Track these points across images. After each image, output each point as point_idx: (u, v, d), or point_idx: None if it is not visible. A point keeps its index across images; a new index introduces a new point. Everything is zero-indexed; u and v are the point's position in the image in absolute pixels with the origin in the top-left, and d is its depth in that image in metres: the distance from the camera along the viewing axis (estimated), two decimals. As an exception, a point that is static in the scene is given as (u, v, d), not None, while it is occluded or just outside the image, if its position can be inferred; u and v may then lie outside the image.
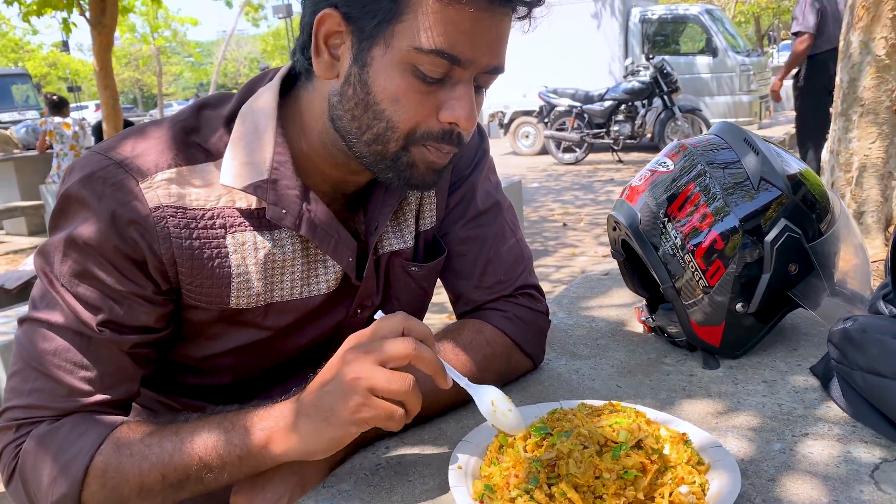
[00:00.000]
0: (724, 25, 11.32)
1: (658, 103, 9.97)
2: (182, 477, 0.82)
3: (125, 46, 32.17)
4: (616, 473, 0.75)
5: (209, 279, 0.90)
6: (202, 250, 0.88)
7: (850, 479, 0.80)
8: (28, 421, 0.85)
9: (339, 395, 0.76)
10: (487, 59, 0.82)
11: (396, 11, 0.79)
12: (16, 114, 13.88)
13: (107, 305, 0.85)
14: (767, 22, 30.38)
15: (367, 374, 0.76)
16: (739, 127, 1.15)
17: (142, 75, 35.61)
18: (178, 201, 0.87)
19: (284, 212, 0.89)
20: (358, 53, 0.83)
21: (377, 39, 0.81)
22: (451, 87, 0.83)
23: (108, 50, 6.91)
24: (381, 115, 0.83)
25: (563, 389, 1.07)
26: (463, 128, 0.84)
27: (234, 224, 0.90)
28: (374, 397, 0.76)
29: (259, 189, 0.89)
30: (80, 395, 0.85)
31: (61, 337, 0.85)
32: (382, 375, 0.76)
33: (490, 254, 1.10)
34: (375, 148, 0.86)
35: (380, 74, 0.82)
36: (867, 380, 0.88)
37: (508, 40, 0.86)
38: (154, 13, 26.35)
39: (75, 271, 0.85)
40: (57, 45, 33.03)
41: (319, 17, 0.83)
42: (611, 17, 11.60)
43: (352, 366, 0.76)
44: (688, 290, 1.09)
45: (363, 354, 0.77)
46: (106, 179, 0.84)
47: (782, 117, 14.91)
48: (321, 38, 0.84)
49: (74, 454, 0.82)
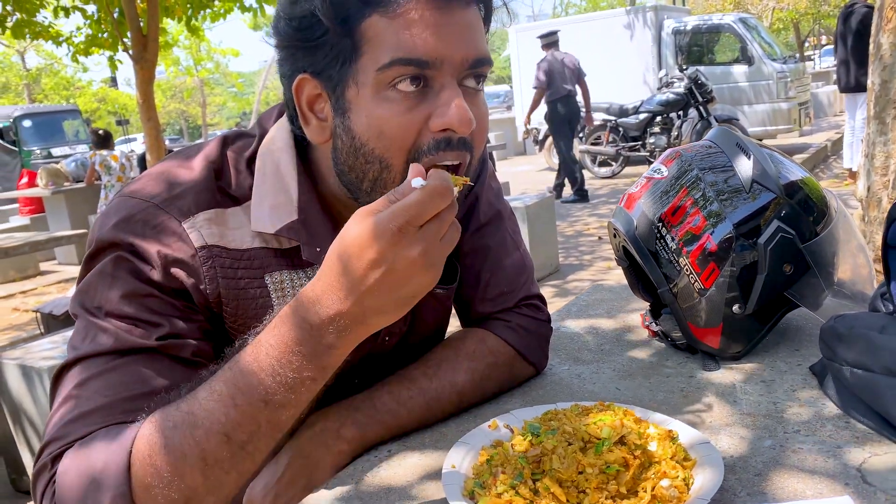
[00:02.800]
0: (759, 33, 11.19)
1: (693, 114, 9.88)
2: (250, 428, 0.71)
3: (170, 79, 33.15)
4: (598, 468, 0.78)
5: (253, 318, 0.90)
6: (247, 290, 0.90)
7: (837, 472, 0.81)
8: (67, 447, 0.77)
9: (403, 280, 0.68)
10: (460, 52, 0.80)
11: (353, 47, 0.80)
12: (67, 148, 14.42)
13: (165, 319, 0.83)
14: (807, 27, 29.87)
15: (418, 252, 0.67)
16: (733, 132, 1.17)
17: (186, 107, 36.64)
18: (220, 241, 0.87)
19: (319, 250, 0.90)
20: (336, 104, 0.84)
21: (347, 82, 0.82)
22: (435, 95, 0.81)
23: (150, 83, 7.15)
24: (371, 156, 0.83)
25: (564, 393, 1.09)
26: (459, 131, 0.81)
27: (269, 265, 0.91)
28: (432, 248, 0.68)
29: (292, 230, 0.90)
30: (120, 413, 0.77)
31: (111, 361, 0.80)
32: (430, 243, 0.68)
33: (493, 266, 1.13)
34: (376, 196, 0.79)
35: (360, 115, 0.82)
36: (855, 375, 0.89)
37: (482, 28, 0.84)
38: (197, 47, 27.16)
39: (127, 290, 0.82)
40: (106, 81, 34.19)
41: (296, 87, 0.85)
42: (643, 30, 11.57)
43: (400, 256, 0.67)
44: (685, 294, 1.11)
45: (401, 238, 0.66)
46: (147, 221, 0.84)
47: (825, 123, 14.63)
48: (304, 106, 0.86)
49: (112, 451, 0.73)
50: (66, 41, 8.65)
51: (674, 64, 11.05)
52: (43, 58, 32.16)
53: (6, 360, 2.79)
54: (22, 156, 14.33)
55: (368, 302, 0.68)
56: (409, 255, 0.66)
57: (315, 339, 0.69)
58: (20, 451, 2.88)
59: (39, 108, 16.92)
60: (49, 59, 31.56)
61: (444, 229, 0.69)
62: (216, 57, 30.78)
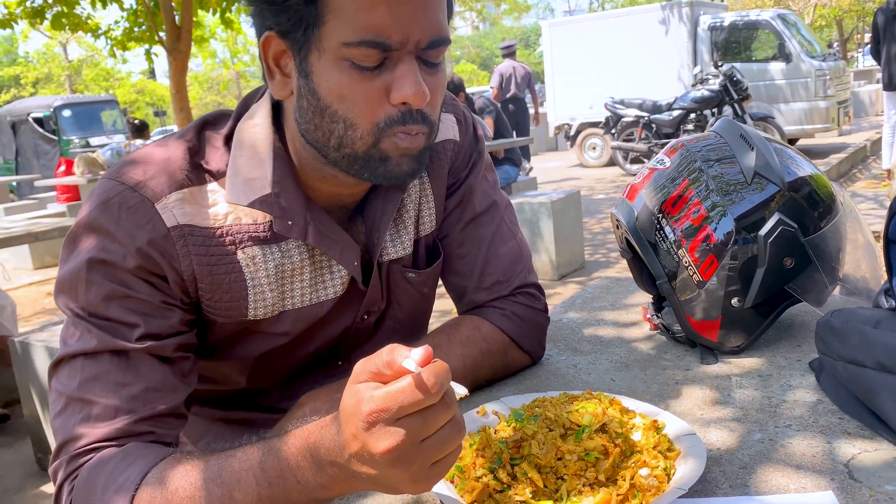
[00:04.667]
0: (798, 30, 10.96)
1: (728, 111, 9.73)
2: None
3: (207, 71, 33.62)
4: (577, 455, 0.78)
5: (227, 293, 0.94)
6: (218, 266, 0.92)
7: (823, 467, 0.80)
8: (80, 452, 0.82)
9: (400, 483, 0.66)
10: (418, 35, 0.82)
11: (317, 15, 0.82)
12: (104, 138, 14.68)
13: (142, 319, 0.86)
14: (851, 25, 29.19)
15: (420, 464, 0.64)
16: (737, 124, 1.15)
17: (223, 99, 37.10)
18: (192, 220, 0.90)
19: (291, 223, 0.93)
20: (300, 65, 0.86)
21: (310, 47, 0.84)
22: (391, 69, 0.83)
23: (183, 74, 7.26)
24: (335, 116, 0.86)
25: (558, 383, 1.09)
26: (414, 104, 0.84)
27: (242, 240, 0.93)
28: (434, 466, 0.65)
29: (265, 203, 0.92)
30: (126, 413, 0.83)
31: (99, 362, 0.85)
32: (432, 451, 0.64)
33: (489, 255, 1.13)
34: (344, 151, 0.88)
35: (322, 78, 0.84)
36: (848, 370, 0.88)
37: (444, 9, 0.86)
38: (234, 39, 27.47)
39: (104, 294, 0.86)
40: (144, 73, 34.84)
41: (263, 42, 0.87)
42: (679, 25, 11.41)
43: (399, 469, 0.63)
44: (684, 286, 1.10)
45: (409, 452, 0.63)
46: (122, 204, 0.87)
47: (865, 123, 14.31)
48: (270, 61, 0.88)
49: (117, 488, 0.77)
50: (105, 34, 8.83)
51: (709, 60, 10.88)
52: (84, 49, 32.85)
53: (34, 341, 2.86)
54: (61, 144, 14.63)
55: (354, 468, 0.66)
56: (378, 446, 0.61)
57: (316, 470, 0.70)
58: (46, 432, 2.96)
59: (78, 99, 17.23)
60: (90, 50, 32.21)
61: (428, 431, 0.62)
62: (252, 49, 31.10)
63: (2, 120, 15.39)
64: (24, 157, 15.17)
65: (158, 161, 0.92)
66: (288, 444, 0.71)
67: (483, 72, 42.16)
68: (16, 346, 2.92)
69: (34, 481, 3.02)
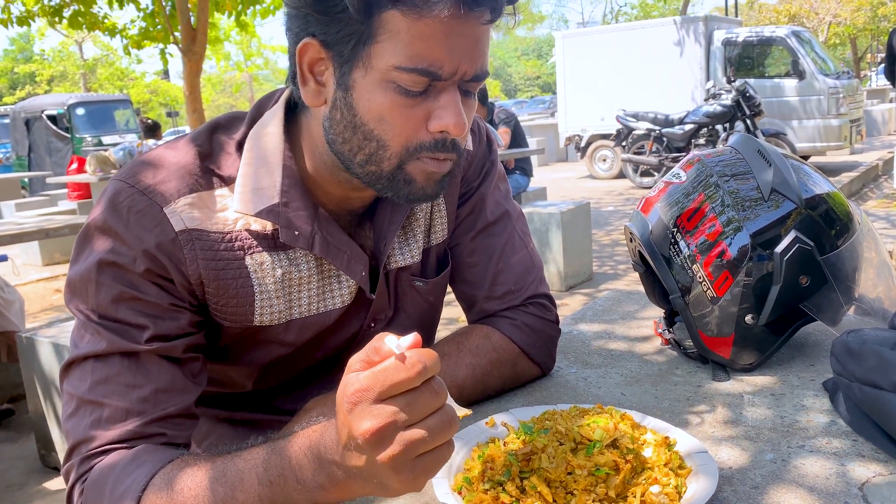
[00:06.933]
0: (812, 47, 10.95)
1: (740, 127, 9.71)
2: None
3: (220, 73, 33.81)
4: (588, 470, 0.77)
5: (234, 298, 0.93)
6: (226, 271, 0.92)
7: (838, 491, 0.79)
8: (92, 453, 0.83)
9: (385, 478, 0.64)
10: (466, 67, 0.83)
11: (370, 34, 0.81)
12: (117, 137, 14.74)
13: (151, 321, 0.87)
14: (865, 43, 29.13)
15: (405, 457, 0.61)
16: (754, 139, 1.14)
17: (235, 101, 37.27)
18: (201, 224, 0.90)
19: (297, 234, 0.93)
20: (340, 78, 0.85)
21: (356, 63, 0.83)
22: (435, 96, 0.84)
23: (196, 76, 7.30)
24: (370, 135, 0.85)
25: (568, 396, 1.08)
26: (453, 134, 0.85)
27: (251, 246, 0.93)
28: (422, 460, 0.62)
29: (271, 213, 0.91)
30: (136, 415, 0.84)
31: (109, 364, 0.85)
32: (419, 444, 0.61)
33: (500, 264, 1.12)
34: (370, 168, 0.88)
35: (363, 96, 0.84)
36: (864, 392, 0.86)
37: (489, 43, 0.87)
38: (247, 42, 27.62)
39: (113, 296, 0.86)
40: (158, 74, 35.04)
41: (301, 47, 0.86)
42: (693, 40, 11.41)
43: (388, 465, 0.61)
44: (697, 302, 1.08)
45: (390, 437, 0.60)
46: (131, 207, 0.88)
47: (878, 142, 14.26)
48: (305, 67, 0.87)
49: (124, 490, 0.77)
50: (121, 33, 8.89)
51: (722, 75, 10.86)
52: (100, 49, 33.09)
53: (40, 337, 2.86)
54: (74, 142, 14.71)
55: (347, 462, 0.64)
56: (360, 426, 0.60)
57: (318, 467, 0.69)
58: (50, 428, 2.96)
59: (92, 97, 17.30)
60: (105, 50, 32.44)
61: (413, 416, 0.59)
62: (266, 53, 31.28)
63: (16, 116, 15.49)
64: (36, 153, 15.25)
65: (169, 164, 0.92)
66: (292, 444, 0.71)
67: (496, 81, 42.22)
68: (22, 341, 2.93)
69: (37, 477, 3.02)
